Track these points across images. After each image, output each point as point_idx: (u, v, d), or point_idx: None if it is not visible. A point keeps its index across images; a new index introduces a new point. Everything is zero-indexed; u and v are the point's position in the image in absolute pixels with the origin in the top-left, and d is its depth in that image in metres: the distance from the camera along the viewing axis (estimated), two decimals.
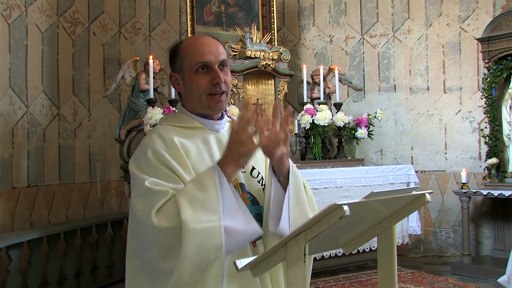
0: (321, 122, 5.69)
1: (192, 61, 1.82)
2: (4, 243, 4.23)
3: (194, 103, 1.88)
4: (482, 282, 5.13)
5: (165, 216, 1.60)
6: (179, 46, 1.91)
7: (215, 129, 1.91)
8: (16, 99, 5.32)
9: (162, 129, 1.83)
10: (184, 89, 1.89)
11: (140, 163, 1.73)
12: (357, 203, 1.36)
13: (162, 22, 6.78)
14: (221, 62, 1.84)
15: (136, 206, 1.65)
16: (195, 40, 1.92)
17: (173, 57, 1.90)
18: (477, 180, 6.15)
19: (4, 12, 5.20)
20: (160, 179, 1.66)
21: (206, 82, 1.82)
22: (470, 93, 6.39)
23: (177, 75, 1.89)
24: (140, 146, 1.81)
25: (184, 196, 1.61)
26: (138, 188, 1.68)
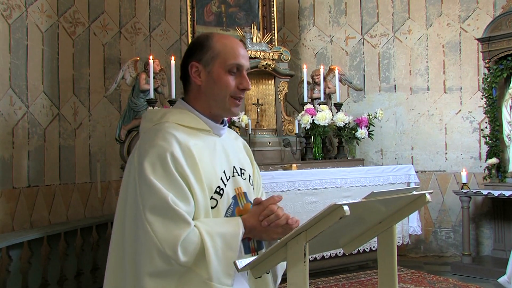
0: (322, 122, 5.69)
1: (228, 59, 1.79)
2: (4, 243, 4.22)
3: (211, 101, 1.82)
4: (482, 282, 5.12)
5: (186, 252, 1.59)
6: (211, 38, 1.84)
7: (219, 134, 1.89)
8: (17, 99, 5.32)
9: (174, 129, 1.74)
10: (206, 84, 1.81)
11: (157, 168, 1.63)
12: (357, 203, 1.36)
13: (162, 22, 6.79)
14: (248, 69, 1.86)
15: (152, 221, 1.58)
16: (231, 39, 1.88)
17: (201, 47, 1.82)
18: (478, 180, 6.14)
19: (4, 12, 5.20)
20: (177, 197, 1.61)
21: (234, 84, 1.81)
22: (471, 93, 6.39)
23: (200, 66, 1.81)
24: (154, 145, 1.68)
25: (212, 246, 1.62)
26: (157, 202, 1.59)
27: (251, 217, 1.75)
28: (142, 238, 1.59)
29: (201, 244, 1.60)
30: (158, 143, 1.68)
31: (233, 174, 1.85)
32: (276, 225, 1.72)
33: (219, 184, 1.76)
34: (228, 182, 1.80)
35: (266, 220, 1.72)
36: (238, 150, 2.00)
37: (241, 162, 1.94)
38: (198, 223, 1.64)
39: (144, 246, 1.58)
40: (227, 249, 1.64)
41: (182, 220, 1.59)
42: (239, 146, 2.04)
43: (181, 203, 1.61)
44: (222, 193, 1.76)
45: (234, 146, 1.98)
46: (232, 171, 1.85)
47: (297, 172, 5.08)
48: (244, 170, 1.92)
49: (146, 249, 1.57)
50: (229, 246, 1.65)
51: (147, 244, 1.57)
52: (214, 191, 1.74)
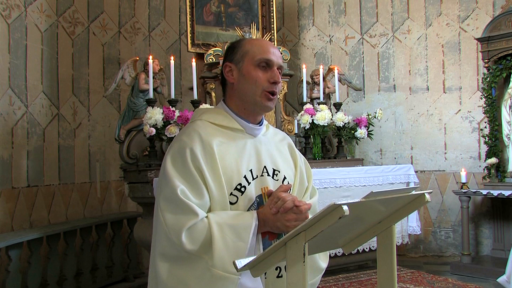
0: (321, 122, 5.68)
1: (256, 55, 1.86)
2: (3, 243, 4.22)
3: (244, 97, 1.88)
4: (481, 282, 5.13)
5: (192, 240, 1.67)
6: (243, 40, 1.95)
7: (253, 134, 1.93)
8: (16, 99, 5.32)
9: (202, 127, 1.84)
10: (238, 81, 1.88)
11: (176, 162, 1.75)
12: (357, 203, 1.36)
13: (162, 22, 6.78)
14: (279, 66, 1.90)
15: (163, 209, 1.71)
16: (261, 40, 2.01)
17: (233, 49, 1.93)
18: (477, 180, 6.15)
19: (3, 12, 5.20)
20: (189, 189, 1.71)
21: (265, 78, 1.85)
22: (470, 93, 6.39)
23: (232, 65, 1.90)
24: (179, 140, 1.82)
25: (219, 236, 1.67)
26: (168, 193, 1.71)
27: (264, 209, 1.79)
28: (157, 223, 1.74)
29: (208, 233, 1.67)
30: (182, 139, 1.81)
31: (262, 174, 1.88)
32: (285, 209, 1.74)
33: (240, 182, 1.80)
34: (253, 181, 1.84)
35: (274, 206, 1.75)
36: (278, 151, 2.01)
37: (276, 163, 1.95)
38: (210, 214, 1.72)
39: (157, 230, 1.73)
40: (237, 240, 1.69)
41: (190, 210, 1.67)
42: (282, 148, 2.05)
43: (192, 195, 1.70)
44: (244, 191, 1.80)
45: (274, 147, 2.00)
46: (262, 171, 1.88)
47: None
48: (278, 171, 1.93)
49: (159, 233, 1.72)
50: (240, 237, 1.69)
51: (160, 229, 1.71)
52: (234, 187, 1.79)
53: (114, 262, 5.48)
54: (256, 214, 1.76)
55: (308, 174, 2.11)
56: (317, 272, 2.01)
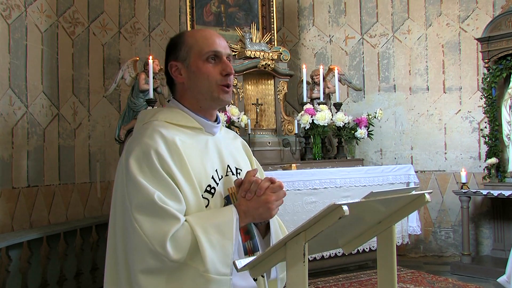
0: (321, 122, 5.69)
1: (203, 49, 1.75)
2: (4, 243, 4.22)
3: (198, 94, 1.78)
4: (482, 282, 5.13)
5: (177, 248, 1.54)
6: (183, 35, 1.83)
7: (212, 132, 1.84)
8: (16, 99, 5.32)
9: (161, 126, 1.71)
10: (188, 79, 1.78)
11: (143, 166, 1.61)
12: (357, 203, 1.36)
13: (162, 22, 6.78)
14: (228, 55, 1.80)
15: (139, 219, 1.55)
16: (202, 30, 1.84)
17: (176, 46, 1.80)
18: (477, 180, 6.15)
19: (3, 13, 5.20)
20: (165, 195, 1.57)
21: (217, 72, 1.75)
22: (470, 93, 6.39)
23: (179, 64, 1.78)
24: (139, 143, 1.66)
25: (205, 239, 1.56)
26: (143, 200, 1.56)
27: (240, 200, 1.70)
28: (132, 237, 1.56)
29: (192, 237, 1.56)
30: (143, 141, 1.66)
31: (227, 173, 1.80)
32: (261, 189, 1.66)
33: (209, 183, 1.71)
34: (220, 182, 1.76)
35: (249, 191, 1.67)
36: (235, 149, 1.94)
37: (237, 161, 1.89)
38: (189, 217, 1.60)
39: (134, 244, 1.56)
40: (222, 238, 1.59)
41: (170, 216, 1.55)
42: (237, 146, 1.99)
43: (169, 200, 1.58)
44: (214, 192, 1.72)
45: (231, 145, 1.93)
46: (226, 170, 1.81)
47: (296, 172, 5.08)
48: (241, 170, 1.87)
49: (137, 248, 1.55)
50: (224, 234, 1.59)
51: (137, 242, 1.55)
52: (204, 190, 1.70)
53: None
54: (235, 208, 1.67)
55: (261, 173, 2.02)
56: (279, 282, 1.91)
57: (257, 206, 1.67)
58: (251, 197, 1.67)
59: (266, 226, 1.82)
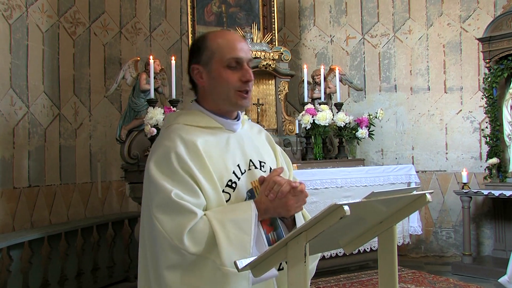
0: (322, 122, 5.69)
1: (225, 56, 1.78)
2: (5, 243, 4.23)
3: (217, 99, 1.83)
4: (483, 282, 5.12)
5: (194, 241, 1.61)
6: (206, 38, 1.85)
7: (233, 129, 1.89)
8: (17, 99, 5.32)
9: (181, 129, 1.78)
10: (208, 84, 1.83)
11: (162, 167, 1.68)
12: (358, 203, 1.36)
13: (163, 22, 6.79)
14: (249, 61, 1.83)
15: (159, 218, 1.63)
16: (225, 34, 1.87)
17: (198, 49, 1.84)
18: (478, 180, 6.14)
19: (5, 13, 5.21)
20: (183, 191, 1.65)
21: (237, 78, 1.79)
22: (471, 93, 6.39)
23: (201, 67, 1.83)
24: (159, 146, 1.75)
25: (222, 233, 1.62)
26: (161, 199, 1.64)
27: (261, 197, 1.75)
28: (155, 236, 1.65)
29: (210, 231, 1.62)
30: (163, 144, 1.74)
31: (249, 167, 1.85)
32: (282, 193, 1.70)
33: (230, 178, 1.77)
34: (242, 176, 1.80)
35: (271, 192, 1.72)
36: (259, 143, 1.98)
37: (261, 155, 1.93)
38: (208, 212, 1.67)
39: (157, 242, 1.64)
40: (240, 233, 1.64)
41: (187, 211, 1.62)
42: (261, 139, 2.03)
43: (187, 196, 1.64)
44: (235, 187, 1.77)
45: (254, 139, 1.97)
46: (248, 165, 1.85)
47: (297, 172, 5.07)
48: (264, 162, 1.91)
49: (160, 245, 1.63)
50: (242, 230, 1.64)
51: (160, 240, 1.63)
52: (225, 184, 1.75)
53: (115, 262, 5.48)
54: (254, 204, 1.72)
55: (288, 164, 2.08)
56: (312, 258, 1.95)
57: (277, 207, 1.73)
58: (273, 198, 1.72)
59: (292, 221, 1.86)
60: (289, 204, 1.72)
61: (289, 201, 1.72)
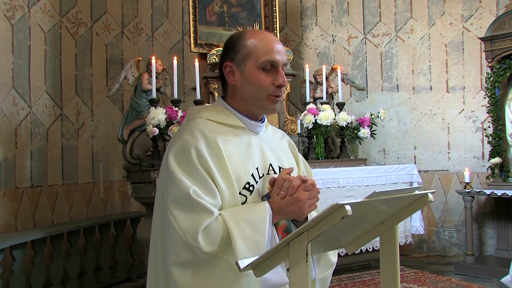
0: (324, 122, 5.68)
1: (261, 57, 1.74)
2: (7, 243, 4.24)
3: (248, 100, 1.79)
4: (485, 282, 5.11)
5: (208, 240, 1.59)
6: (244, 36, 1.80)
7: (256, 131, 1.86)
8: (19, 99, 5.33)
9: (203, 124, 1.75)
10: (240, 84, 1.78)
11: (182, 161, 1.66)
12: (359, 202, 1.35)
13: (165, 22, 6.79)
14: (284, 64, 1.80)
15: (174, 213, 1.61)
16: (263, 35, 1.83)
17: (234, 47, 1.79)
18: (480, 179, 6.13)
19: (7, 13, 5.22)
20: (201, 189, 1.62)
21: (270, 81, 1.76)
22: (473, 93, 6.37)
23: (233, 65, 1.78)
24: (180, 139, 1.71)
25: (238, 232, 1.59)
26: (179, 194, 1.62)
27: (273, 197, 1.72)
28: (168, 230, 1.62)
29: (225, 231, 1.60)
30: (184, 138, 1.71)
31: (268, 172, 1.82)
32: (293, 188, 1.68)
33: (248, 180, 1.73)
34: (260, 180, 1.77)
35: (282, 189, 1.69)
36: (280, 148, 1.96)
37: (281, 160, 1.90)
38: (223, 212, 1.64)
39: (169, 237, 1.61)
40: (255, 233, 1.62)
41: (204, 209, 1.60)
42: (283, 145, 2.00)
43: (205, 195, 1.62)
44: (252, 190, 1.74)
45: (276, 144, 1.95)
46: (268, 169, 1.82)
47: None
48: (283, 168, 1.86)
49: (172, 240, 1.61)
50: (257, 230, 1.62)
51: (172, 235, 1.60)
52: (243, 186, 1.72)
53: (118, 262, 5.49)
54: (268, 204, 1.70)
55: (309, 173, 2.06)
56: (327, 266, 1.95)
57: (289, 204, 1.69)
58: (284, 195, 1.69)
59: None
60: (301, 199, 1.69)
61: (301, 196, 1.69)
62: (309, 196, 1.71)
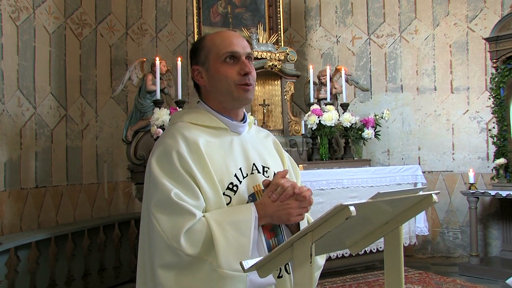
0: (328, 123, 5.68)
1: (220, 51, 1.78)
2: (12, 243, 4.25)
3: (220, 96, 1.82)
4: (490, 283, 5.09)
5: (191, 242, 1.59)
6: (203, 39, 1.87)
7: (238, 131, 1.87)
8: (24, 100, 5.35)
9: (185, 128, 1.77)
10: (209, 82, 1.82)
11: (163, 165, 1.67)
12: (364, 203, 1.35)
13: (169, 23, 6.80)
14: (247, 55, 1.82)
15: (157, 216, 1.62)
16: (221, 32, 1.88)
17: (196, 50, 1.86)
18: (485, 180, 6.11)
19: (12, 15, 5.24)
20: (183, 191, 1.63)
21: (235, 72, 1.78)
22: (478, 93, 6.35)
23: (200, 68, 1.84)
24: (162, 144, 1.74)
25: (221, 235, 1.60)
26: (161, 197, 1.63)
27: (264, 199, 1.73)
28: (152, 233, 1.64)
29: (208, 232, 1.60)
30: (166, 142, 1.73)
31: (252, 171, 1.82)
32: (285, 196, 1.69)
33: (231, 181, 1.74)
34: (244, 180, 1.78)
35: (274, 193, 1.70)
36: (264, 148, 1.96)
37: (265, 160, 1.90)
38: (207, 214, 1.65)
39: (154, 240, 1.63)
40: (239, 236, 1.62)
41: (186, 212, 1.60)
42: (267, 145, 2.01)
43: (187, 197, 1.63)
44: (236, 190, 1.75)
45: (260, 144, 1.96)
46: (251, 169, 1.83)
47: (303, 172, 5.07)
48: (268, 168, 1.89)
49: (156, 243, 1.62)
50: (241, 232, 1.63)
51: (156, 238, 1.62)
52: (226, 187, 1.73)
53: (122, 262, 5.50)
54: (255, 206, 1.70)
55: (295, 171, 2.07)
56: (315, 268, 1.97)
57: (278, 210, 1.70)
58: (275, 199, 1.70)
59: (297, 226, 1.84)
60: (291, 208, 1.70)
61: (292, 204, 1.70)
62: (299, 206, 1.72)
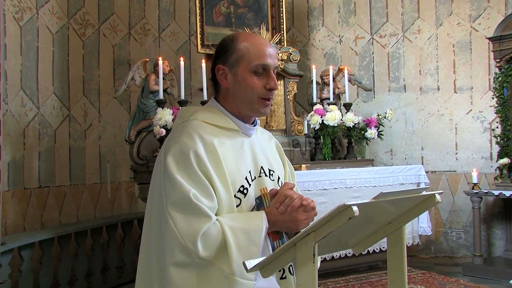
0: (331, 123, 5.67)
1: (253, 61, 1.79)
2: (16, 243, 4.27)
3: (240, 103, 1.83)
4: (494, 283, 5.08)
5: (206, 246, 1.61)
6: (236, 40, 1.84)
7: (248, 134, 1.89)
8: (27, 100, 5.37)
9: (200, 127, 1.77)
10: (233, 86, 1.82)
11: (180, 164, 1.67)
12: (367, 203, 1.35)
13: (172, 23, 6.81)
14: (275, 68, 1.85)
15: (173, 215, 1.62)
16: (255, 39, 1.86)
17: (226, 50, 1.83)
18: (489, 180, 6.10)
19: (16, 15, 5.25)
20: (200, 193, 1.64)
21: (262, 85, 1.80)
22: (481, 93, 6.34)
23: (226, 69, 1.82)
24: (178, 142, 1.72)
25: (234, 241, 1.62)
26: (179, 197, 1.63)
27: (271, 209, 1.75)
28: (165, 232, 1.63)
29: (222, 238, 1.62)
30: (182, 140, 1.72)
31: (260, 174, 1.85)
32: (292, 207, 1.71)
33: (243, 183, 1.76)
34: (253, 182, 1.80)
35: (282, 205, 1.73)
36: (269, 150, 1.99)
37: (270, 163, 1.93)
38: (221, 218, 1.66)
39: (167, 239, 1.62)
40: (250, 244, 1.64)
41: (203, 214, 1.61)
42: (271, 147, 2.03)
43: (203, 198, 1.64)
44: (246, 193, 1.77)
45: (265, 146, 1.98)
46: (259, 172, 1.85)
47: (306, 172, 5.07)
48: (273, 171, 1.91)
49: (169, 242, 1.61)
50: (252, 241, 1.65)
51: (170, 237, 1.61)
52: (237, 189, 1.75)
53: (125, 262, 5.50)
54: (265, 215, 1.73)
55: (292, 174, 2.10)
56: None
57: (286, 220, 1.74)
58: (283, 210, 1.73)
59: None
60: (299, 219, 1.73)
61: (300, 216, 1.73)
62: (307, 217, 1.75)
